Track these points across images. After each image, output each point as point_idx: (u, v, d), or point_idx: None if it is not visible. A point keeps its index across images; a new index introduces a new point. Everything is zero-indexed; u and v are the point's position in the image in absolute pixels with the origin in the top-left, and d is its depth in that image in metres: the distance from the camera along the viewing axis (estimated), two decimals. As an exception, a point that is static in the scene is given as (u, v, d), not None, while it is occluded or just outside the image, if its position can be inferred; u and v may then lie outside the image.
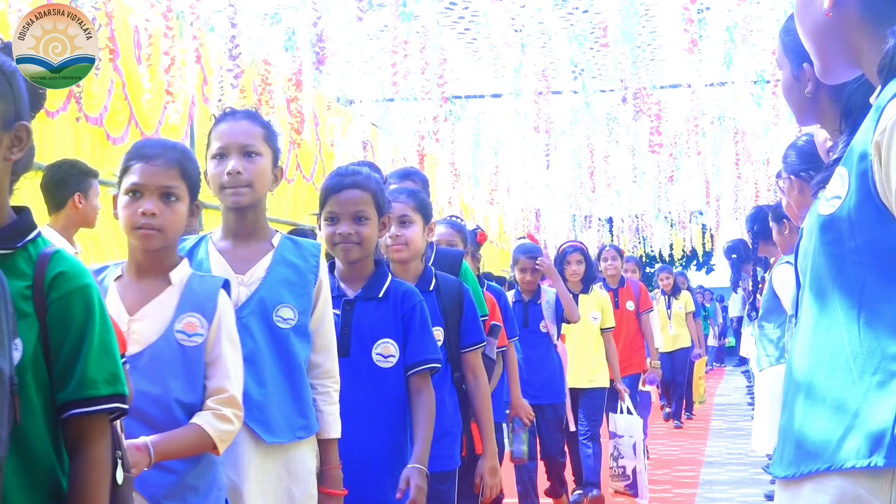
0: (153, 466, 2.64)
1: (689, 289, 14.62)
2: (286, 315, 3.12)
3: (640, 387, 9.41)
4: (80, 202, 5.00)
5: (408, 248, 3.98)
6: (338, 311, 3.43)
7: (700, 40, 8.41)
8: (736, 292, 8.54)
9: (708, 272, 38.48)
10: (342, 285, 3.53)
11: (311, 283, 3.17)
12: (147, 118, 6.94)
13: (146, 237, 2.83)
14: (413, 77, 8.66)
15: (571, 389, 7.59)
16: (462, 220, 5.78)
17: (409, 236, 3.97)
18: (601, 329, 8.04)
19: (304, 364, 3.15)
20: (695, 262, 36.57)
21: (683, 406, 13.80)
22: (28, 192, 5.53)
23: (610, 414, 7.88)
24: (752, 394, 13.50)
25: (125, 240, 2.93)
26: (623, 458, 7.59)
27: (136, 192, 2.85)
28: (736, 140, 13.17)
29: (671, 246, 23.99)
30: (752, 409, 10.54)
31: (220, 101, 7.27)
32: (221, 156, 3.13)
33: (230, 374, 2.84)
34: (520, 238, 8.65)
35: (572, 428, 7.51)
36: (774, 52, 2.56)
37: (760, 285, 6.66)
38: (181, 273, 2.90)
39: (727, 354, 25.68)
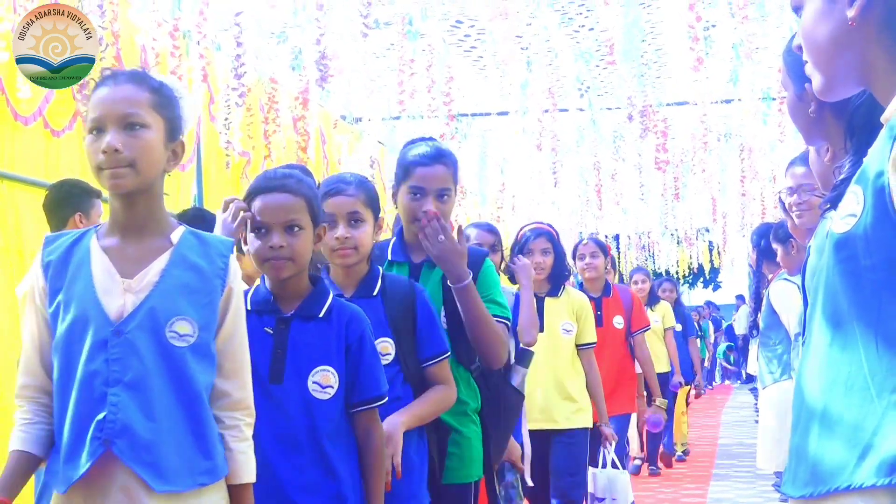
0: None
1: (679, 301, 12.08)
2: (182, 330, 2.53)
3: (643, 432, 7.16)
4: (81, 222, 4.93)
5: (357, 253, 3.31)
6: (270, 330, 2.95)
7: (706, 58, 8.41)
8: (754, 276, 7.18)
9: (715, 289, 38.45)
10: (276, 301, 3.00)
11: (216, 291, 2.59)
12: (153, 137, 6.95)
13: None
14: (419, 95, 8.68)
15: (536, 432, 5.47)
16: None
17: (360, 238, 3.30)
18: (577, 346, 5.86)
19: (205, 391, 2.57)
20: (701, 279, 36.56)
21: (660, 448, 11.15)
22: (32, 211, 5.54)
23: (589, 468, 5.88)
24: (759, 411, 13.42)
25: None
26: None
27: None
28: (742, 157, 13.20)
29: (678, 263, 23.99)
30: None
31: (226, 119, 7.28)
32: (98, 129, 2.53)
33: None
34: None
35: (529, 482, 5.17)
36: (780, 69, 2.56)
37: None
38: None
39: (733, 373, 25.52)
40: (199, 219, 4.93)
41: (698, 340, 13.79)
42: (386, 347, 3.28)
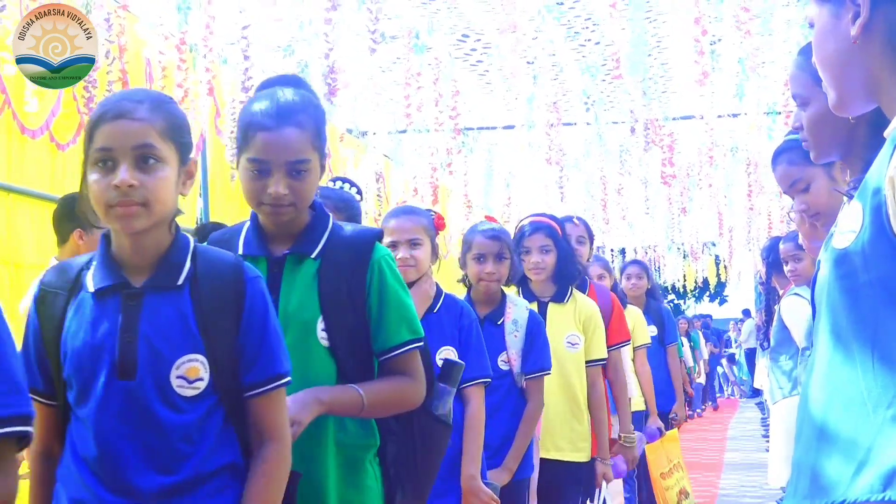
0: None
1: (653, 294, 8.22)
2: None
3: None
4: (80, 238, 4.84)
5: (148, 212, 2.15)
6: None
7: (712, 72, 8.42)
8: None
9: (721, 303, 38.42)
10: None
11: None
12: (159, 150, 6.96)
13: None
14: (426, 109, 8.69)
15: (544, 461, 4.65)
16: (357, 191, 3.71)
17: (154, 187, 2.14)
18: (586, 362, 4.89)
19: None
20: (707, 293, 36.52)
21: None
22: (36, 224, 5.55)
23: None
24: (767, 426, 13.34)
25: None
26: None
27: None
28: (748, 171, 13.18)
29: (684, 277, 23.97)
30: (767, 441, 10.45)
31: (232, 132, 7.29)
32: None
33: None
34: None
35: None
36: (787, 83, 2.47)
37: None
38: None
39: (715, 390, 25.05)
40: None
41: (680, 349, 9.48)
42: (196, 370, 2.15)
